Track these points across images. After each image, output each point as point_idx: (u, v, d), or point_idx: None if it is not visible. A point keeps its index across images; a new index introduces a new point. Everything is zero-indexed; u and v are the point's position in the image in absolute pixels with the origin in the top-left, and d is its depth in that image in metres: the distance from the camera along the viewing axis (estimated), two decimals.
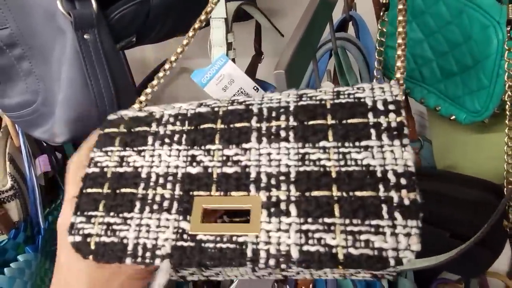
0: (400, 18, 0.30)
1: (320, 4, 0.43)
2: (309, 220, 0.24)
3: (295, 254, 0.24)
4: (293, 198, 0.25)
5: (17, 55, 0.46)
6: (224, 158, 0.28)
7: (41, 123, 0.50)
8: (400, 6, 0.30)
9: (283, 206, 0.25)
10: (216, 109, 0.31)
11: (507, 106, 0.42)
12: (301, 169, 0.26)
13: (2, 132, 0.60)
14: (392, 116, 0.26)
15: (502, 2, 0.42)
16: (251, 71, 0.70)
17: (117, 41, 0.49)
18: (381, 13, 0.50)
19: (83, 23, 0.44)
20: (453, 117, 0.49)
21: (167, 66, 0.35)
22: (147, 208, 0.28)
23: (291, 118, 0.28)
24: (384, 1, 0.50)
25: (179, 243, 0.26)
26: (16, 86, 0.49)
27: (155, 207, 0.28)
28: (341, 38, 0.60)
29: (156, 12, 0.50)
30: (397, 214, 0.23)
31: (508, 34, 0.41)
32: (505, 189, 0.40)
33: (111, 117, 0.34)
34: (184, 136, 0.30)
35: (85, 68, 0.45)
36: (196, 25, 0.37)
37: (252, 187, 0.26)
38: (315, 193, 0.25)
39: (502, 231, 0.40)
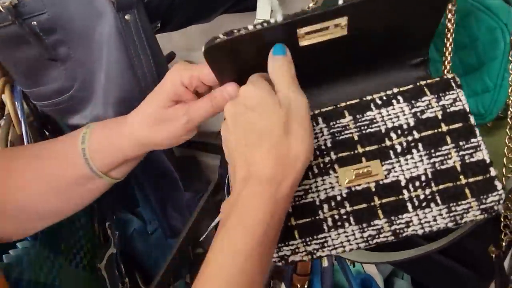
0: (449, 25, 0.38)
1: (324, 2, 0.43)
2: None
3: None
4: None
5: (54, 41, 0.46)
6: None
7: (80, 108, 0.50)
8: (449, 15, 0.38)
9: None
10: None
11: (509, 112, 0.42)
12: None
13: (5, 120, 0.61)
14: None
15: (510, 4, 0.42)
16: None
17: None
18: None
19: (124, 4, 0.44)
20: None
21: None
22: None
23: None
24: None
25: None
26: (53, 73, 0.48)
27: None
28: None
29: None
30: None
31: None
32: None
33: None
34: None
35: (128, 49, 0.45)
36: None
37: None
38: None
39: (489, 257, 0.39)
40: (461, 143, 0.34)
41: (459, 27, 0.45)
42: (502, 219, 0.40)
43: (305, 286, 0.57)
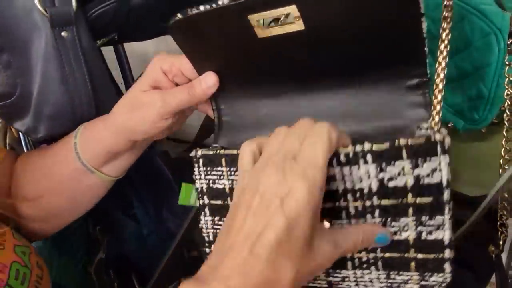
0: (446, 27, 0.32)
1: None
2: None
3: None
4: None
5: None
6: None
7: (20, 116, 0.50)
8: (445, 13, 0.32)
9: None
10: None
11: (505, 115, 0.42)
12: None
13: (1, 123, 0.61)
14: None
15: (505, 9, 0.42)
16: None
17: (97, 38, 0.49)
18: None
19: (61, 21, 0.44)
20: (450, 125, 0.48)
21: None
22: None
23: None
24: None
25: None
26: None
27: None
28: None
29: (138, 12, 0.49)
30: None
31: (509, 48, 0.40)
32: (498, 204, 0.39)
33: None
34: None
35: (62, 66, 0.45)
36: None
37: None
38: None
39: (487, 258, 0.39)
40: (423, 219, 0.30)
41: (453, 31, 0.45)
42: (498, 218, 0.40)
43: None
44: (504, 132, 0.41)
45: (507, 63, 0.41)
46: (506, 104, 0.42)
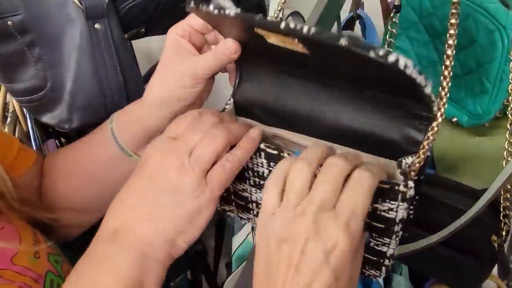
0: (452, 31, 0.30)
1: (328, 2, 0.44)
2: None
3: None
4: None
5: (28, 41, 0.47)
6: None
7: (50, 109, 0.51)
8: (453, 9, 0.31)
9: None
10: None
11: (509, 109, 0.43)
12: None
13: (11, 117, 0.61)
14: None
15: (509, 7, 0.43)
16: None
17: (126, 31, 0.50)
18: (392, 15, 0.51)
19: (94, 13, 0.45)
20: (455, 119, 0.50)
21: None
22: None
23: None
24: (396, 3, 0.50)
25: None
26: (27, 72, 0.50)
27: None
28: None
29: (166, 4, 0.50)
30: None
31: None
32: (502, 195, 0.40)
33: None
34: None
35: (94, 57, 0.46)
36: None
37: None
38: None
39: (491, 246, 0.40)
40: (373, 235, 0.32)
41: (458, 28, 0.46)
42: (501, 209, 0.41)
43: None
44: (508, 126, 0.42)
45: (511, 57, 0.42)
46: (510, 98, 0.43)
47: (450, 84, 0.29)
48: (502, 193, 0.41)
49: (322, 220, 0.26)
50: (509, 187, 0.41)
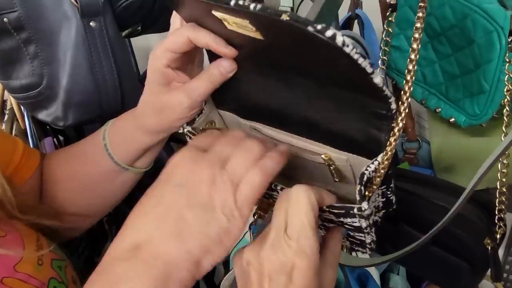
0: (418, 25, 0.30)
1: (326, 1, 0.44)
2: None
3: None
4: None
5: (24, 38, 0.47)
6: None
7: (46, 106, 0.51)
8: (418, 25, 0.30)
9: None
10: None
11: (504, 111, 0.43)
12: None
13: (8, 114, 0.61)
14: None
15: (507, 8, 0.43)
16: None
17: (122, 29, 0.50)
18: (388, 14, 0.51)
19: (90, 11, 0.45)
20: (452, 120, 0.50)
21: None
22: None
23: None
24: (391, 2, 0.50)
25: None
26: (23, 69, 0.50)
27: None
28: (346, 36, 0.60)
29: (162, 2, 0.50)
30: None
31: (509, 45, 0.41)
32: (497, 198, 0.40)
33: None
34: None
35: (90, 55, 0.46)
36: None
37: None
38: None
39: (484, 250, 0.40)
40: (351, 233, 0.35)
41: (456, 28, 0.46)
42: (496, 213, 0.41)
43: None
44: (503, 128, 0.42)
45: (507, 60, 0.42)
46: (506, 100, 0.43)
47: (415, 68, 0.29)
48: (497, 196, 0.41)
49: (279, 246, 0.28)
50: (504, 190, 0.41)
